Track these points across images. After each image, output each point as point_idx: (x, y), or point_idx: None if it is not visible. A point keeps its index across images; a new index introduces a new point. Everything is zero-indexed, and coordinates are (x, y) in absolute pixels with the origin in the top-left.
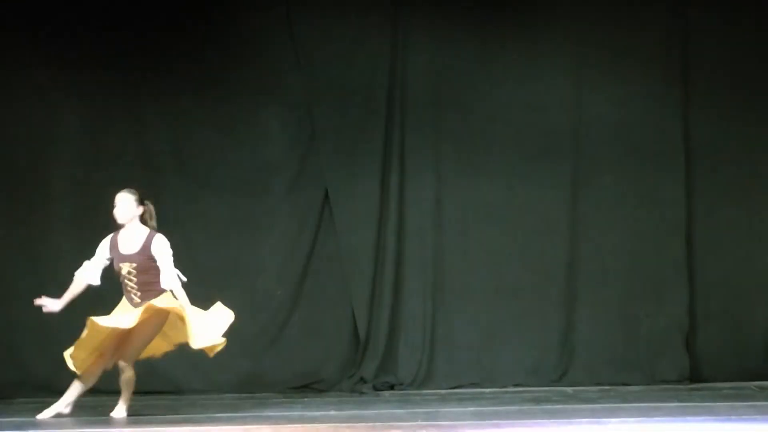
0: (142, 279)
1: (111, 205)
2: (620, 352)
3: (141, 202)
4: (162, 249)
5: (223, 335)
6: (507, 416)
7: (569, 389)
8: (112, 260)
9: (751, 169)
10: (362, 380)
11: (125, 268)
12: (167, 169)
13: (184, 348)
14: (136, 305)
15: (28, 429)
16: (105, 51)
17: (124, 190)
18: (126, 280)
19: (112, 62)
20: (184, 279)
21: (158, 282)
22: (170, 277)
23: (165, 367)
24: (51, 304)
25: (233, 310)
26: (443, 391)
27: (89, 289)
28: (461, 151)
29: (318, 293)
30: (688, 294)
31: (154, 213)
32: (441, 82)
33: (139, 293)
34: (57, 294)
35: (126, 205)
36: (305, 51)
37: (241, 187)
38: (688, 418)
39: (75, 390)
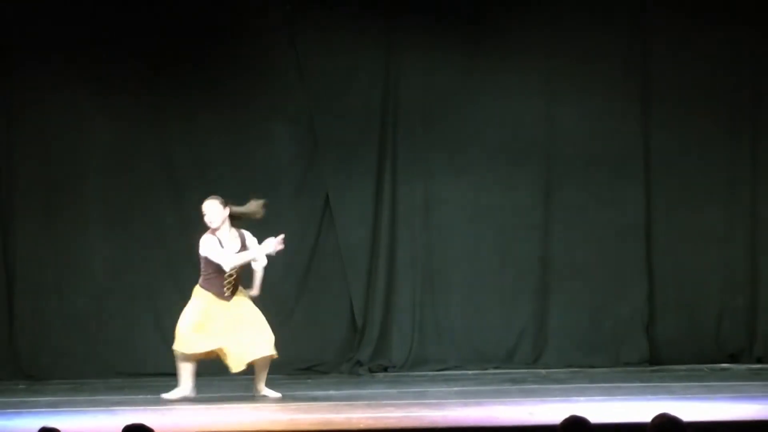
0: (238, 274)
1: (200, 214)
2: (588, 337)
3: (225, 204)
4: (256, 242)
5: None
6: (488, 395)
7: (543, 371)
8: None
9: (702, 175)
10: (359, 363)
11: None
12: (187, 176)
13: None
14: (226, 299)
15: (62, 407)
16: (133, 74)
17: (210, 197)
18: (227, 277)
19: (139, 83)
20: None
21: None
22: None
23: None
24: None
25: None
26: (431, 373)
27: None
28: (447, 159)
29: (320, 286)
30: (648, 286)
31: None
32: (429, 98)
33: (231, 288)
34: (88, 288)
35: (215, 210)
36: (308, 71)
37: (252, 192)
38: (648, 396)
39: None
